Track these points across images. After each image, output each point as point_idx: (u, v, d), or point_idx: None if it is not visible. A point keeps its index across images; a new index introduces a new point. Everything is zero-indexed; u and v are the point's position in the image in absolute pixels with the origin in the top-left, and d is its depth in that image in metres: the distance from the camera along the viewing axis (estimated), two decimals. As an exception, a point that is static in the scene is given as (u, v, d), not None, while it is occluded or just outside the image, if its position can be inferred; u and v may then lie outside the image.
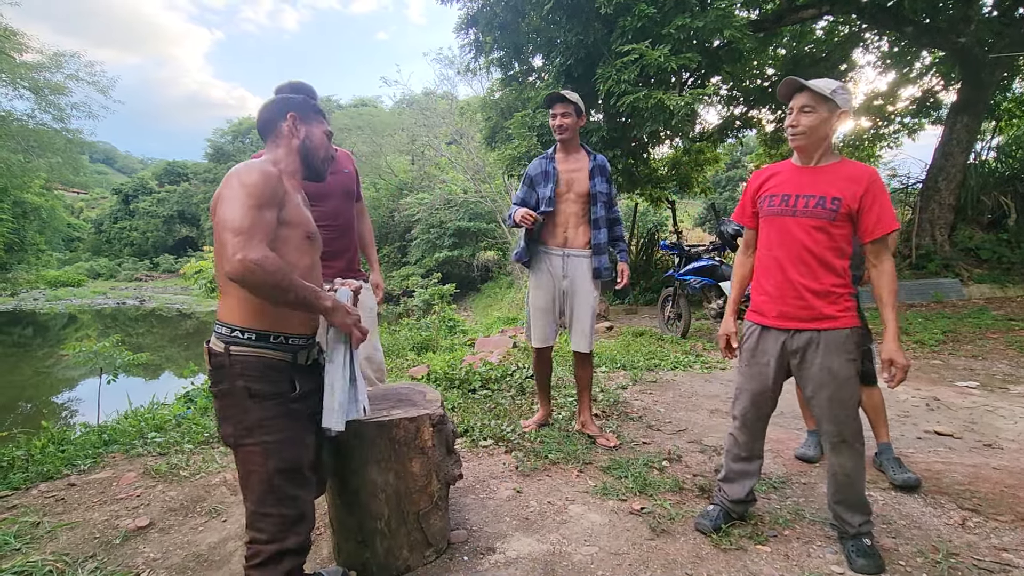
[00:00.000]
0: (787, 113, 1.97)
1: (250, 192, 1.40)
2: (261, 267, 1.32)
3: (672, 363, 5.19)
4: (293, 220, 1.52)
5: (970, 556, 1.97)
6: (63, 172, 22.35)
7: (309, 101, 1.69)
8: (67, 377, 9.47)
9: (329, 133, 1.73)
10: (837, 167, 1.92)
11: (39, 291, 25.36)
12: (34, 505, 2.49)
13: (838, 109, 1.87)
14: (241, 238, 1.33)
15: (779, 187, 2.00)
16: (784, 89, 1.96)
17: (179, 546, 2.15)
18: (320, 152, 1.68)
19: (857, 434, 1.93)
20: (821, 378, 1.90)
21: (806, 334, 1.93)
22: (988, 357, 5.05)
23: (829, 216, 1.87)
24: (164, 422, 3.65)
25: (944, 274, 8.02)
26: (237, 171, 1.45)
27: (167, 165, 44.19)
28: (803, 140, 1.92)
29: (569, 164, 3.04)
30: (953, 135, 8.51)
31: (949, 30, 8.08)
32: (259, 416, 1.45)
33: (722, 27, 7.00)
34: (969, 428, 3.33)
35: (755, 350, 2.06)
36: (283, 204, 1.49)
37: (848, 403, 1.91)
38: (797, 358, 1.96)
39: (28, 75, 19.00)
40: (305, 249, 1.57)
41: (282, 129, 1.62)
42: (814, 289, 1.91)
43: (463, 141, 20.22)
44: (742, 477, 2.15)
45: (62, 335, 15.47)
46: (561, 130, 2.99)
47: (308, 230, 1.58)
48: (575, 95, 2.97)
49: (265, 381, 1.47)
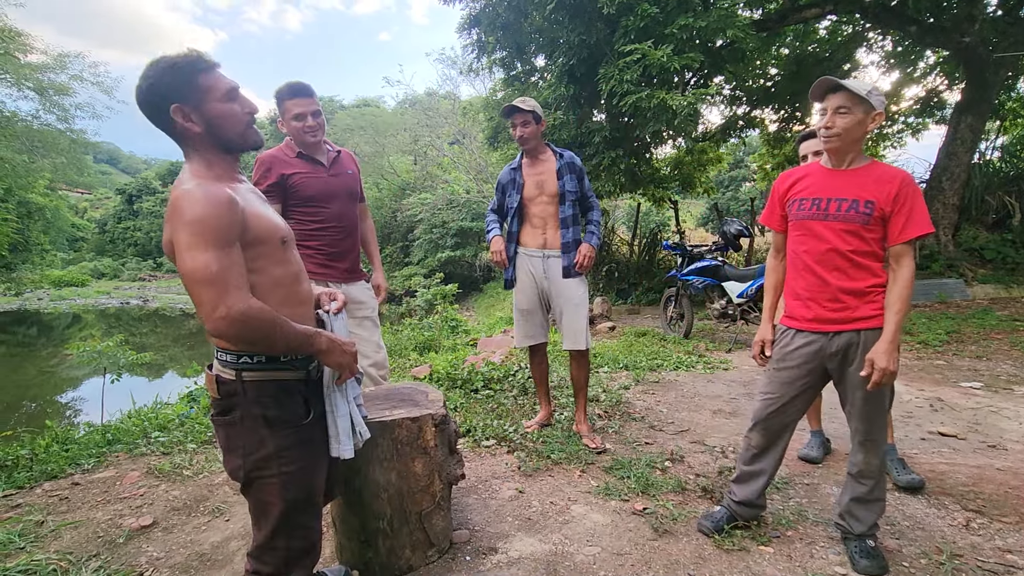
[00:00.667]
0: (820, 114, 1.92)
1: (203, 232, 1.19)
2: (246, 321, 1.20)
3: (675, 363, 5.18)
4: (262, 235, 1.33)
5: (974, 558, 1.97)
6: (67, 172, 22.39)
7: (180, 72, 1.28)
8: (71, 376, 9.51)
9: (232, 88, 1.36)
10: (868, 169, 1.88)
11: (43, 291, 25.49)
12: (38, 504, 2.50)
13: (873, 110, 1.82)
14: (216, 290, 1.17)
15: (809, 191, 1.96)
16: (817, 89, 1.90)
17: (182, 545, 2.15)
18: (229, 127, 1.34)
19: (884, 434, 1.92)
20: (858, 379, 1.85)
21: (845, 336, 1.88)
22: (992, 358, 5.02)
23: (863, 220, 1.83)
24: (167, 421, 3.67)
25: (948, 274, 7.99)
26: (178, 208, 1.21)
27: (171, 165, 44.26)
28: (838, 142, 1.87)
29: (536, 168, 3.06)
30: (957, 135, 8.48)
31: (953, 29, 8.05)
32: (276, 446, 1.34)
33: (725, 27, 6.99)
34: (973, 429, 3.32)
35: (787, 354, 2.01)
36: (244, 225, 1.28)
37: (883, 403, 1.89)
38: (836, 361, 1.91)
39: (33, 76, 19.05)
40: (282, 258, 1.40)
41: (172, 125, 1.32)
42: (851, 289, 1.86)
43: (465, 141, 20.24)
44: (753, 477, 2.11)
45: (66, 335, 15.54)
46: (523, 140, 3.00)
47: (280, 235, 1.40)
48: (531, 102, 2.94)
49: (280, 407, 1.36)
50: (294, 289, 1.44)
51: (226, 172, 1.36)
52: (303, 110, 2.44)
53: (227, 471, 1.40)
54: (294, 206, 2.48)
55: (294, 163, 2.47)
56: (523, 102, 2.93)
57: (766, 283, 2.21)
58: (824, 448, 2.92)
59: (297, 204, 2.48)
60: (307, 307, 1.51)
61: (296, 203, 2.48)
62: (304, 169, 2.48)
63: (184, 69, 1.29)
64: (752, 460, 2.12)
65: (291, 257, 1.45)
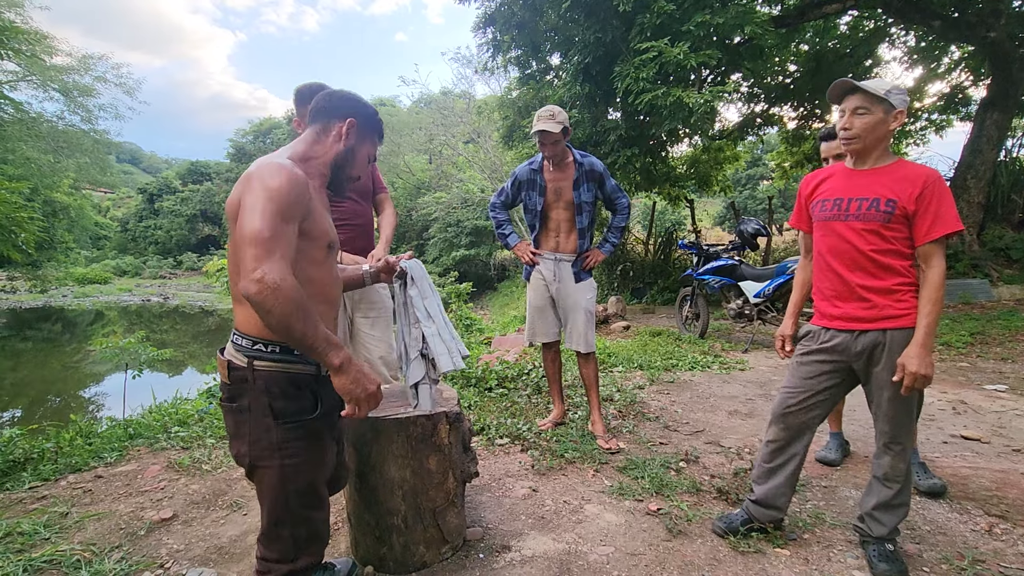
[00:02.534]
0: (840, 115, 1.89)
1: (274, 198, 1.26)
2: (277, 291, 1.19)
3: (690, 363, 5.14)
4: (315, 231, 1.39)
5: (996, 564, 1.92)
6: (91, 172, 22.89)
7: (376, 118, 1.59)
8: (94, 372, 9.71)
9: (372, 156, 1.62)
10: (893, 168, 1.85)
11: (68, 288, 26.06)
12: (63, 496, 2.56)
13: (894, 109, 1.80)
14: (262, 252, 1.20)
15: (831, 191, 1.95)
16: (834, 92, 1.88)
17: (201, 538, 2.19)
18: (352, 170, 1.56)
19: (911, 437, 1.89)
20: (884, 379, 1.83)
21: (871, 335, 1.85)
22: (1018, 360, 4.90)
23: (883, 218, 1.80)
24: (187, 417, 3.73)
25: (972, 274, 7.82)
26: (260, 172, 1.31)
27: (190, 165, 45.01)
28: (858, 144, 1.85)
29: (556, 174, 3.07)
30: (983, 132, 8.28)
31: (979, 24, 7.86)
32: (279, 437, 1.36)
33: (743, 23, 6.91)
34: (997, 433, 3.25)
35: (811, 349, 1.99)
36: (308, 213, 1.35)
37: (910, 406, 1.86)
38: (862, 361, 1.88)
39: (58, 77, 19.51)
40: (323, 260, 1.45)
41: (332, 127, 1.50)
42: (877, 288, 1.84)
43: (480, 140, 20.24)
44: (771, 475, 2.06)
45: (89, 331, 15.87)
46: (552, 160, 3.02)
47: (329, 239, 1.46)
48: (561, 115, 2.87)
49: (288, 399, 1.37)
50: (325, 291, 1.47)
51: (312, 172, 1.48)
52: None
53: (233, 455, 1.43)
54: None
55: None
56: (552, 119, 2.85)
57: (796, 280, 2.24)
58: (843, 450, 2.88)
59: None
60: (332, 310, 1.53)
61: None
62: None
63: (375, 120, 1.59)
64: (771, 457, 2.07)
65: (330, 263, 1.51)
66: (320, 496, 1.49)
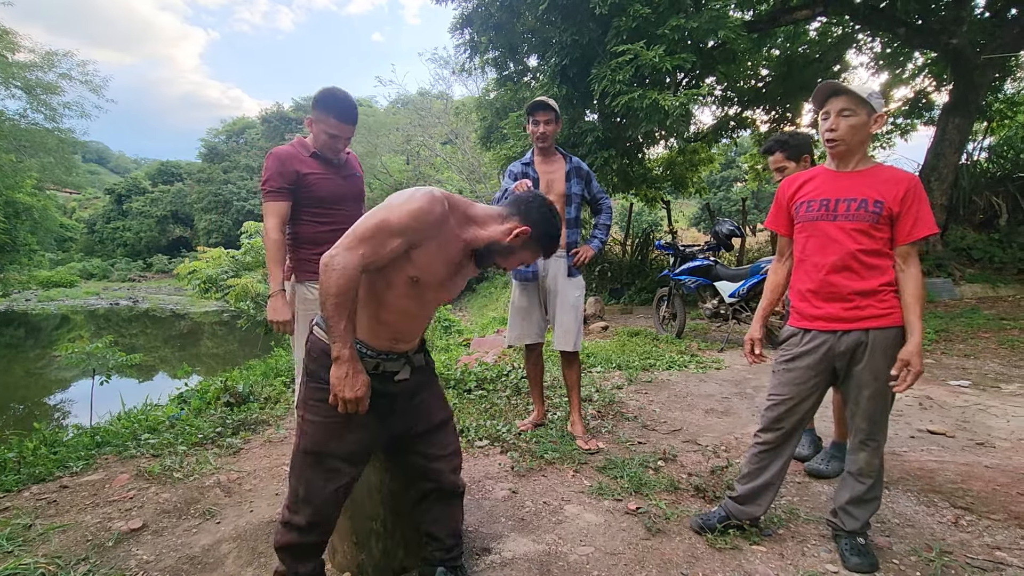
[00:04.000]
0: (822, 119, 1.92)
1: (403, 212, 1.41)
2: (328, 266, 1.37)
3: (667, 363, 5.20)
4: (419, 262, 1.48)
5: (963, 554, 1.99)
6: (55, 172, 22.16)
7: (552, 241, 1.68)
8: (59, 378, 9.40)
9: (527, 263, 1.73)
10: (876, 171, 1.91)
11: (31, 292, 25.17)
12: (26, 507, 2.46)
13: (875, 112, 1.85)
14: (351, 240, 1.40)
15: (816, 192, 1.97)
16: (820, 93, 1.91)
17: (172, 548, 2.13)
18: (500, 261, 1.66)
19: (885, 433, 1.92)
20: (865, 378, 1.87)
21: (854, 335, 1.88)
22: (980, 356, 5.08)
23: (872, 219, 1.85)
24: (157, 423, 3.63)
25: (937, 274, 8.07)
26: (417, 188, 1.47)
27: (160, 165, 43.89)
28: (843, 146, 1.89)
29: (547, 167, 3.12)
30: (945, 136, 8.56)
31: (941, 31, 8.13)
32: (305, 394, 1.57)
33: (716, 27, 7.02)
34: (962, 427, 3.35)
35: (796, 354, 2.00)
36: (421, 244, 1.45)
37: (887, 403, 1.91)
38: (845, 360, 1.92)
39: (20, 74, 18.83)
40: (404, 291, 1.51)
41: (511, 220, 1.60)
42: (861, 290, 1.87)
43: (458, 141, 20.19)
44: (757, 475, 2.07)
45: (54, 336, 15.37)
46: (543, 138, 3.05)
47: (422, 278, 1.50)
48: (553, 102, 3.04)
49: (319, 364, 1.52)
50: (389, 316, 1.54)
51: (467, 235, 1.59)
52: (341, 134, 2.41)
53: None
54: (306, 207, 2.42)
55: (309, 162, 2.41)
56: (549, 100, 3.03)
57: (767, 283, 2.22)
58: (815, 446, 2.93)
59: (309, 205, 2.42)
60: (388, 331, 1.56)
61: (308, 204, 2.41)
62: (319, 169, 2.43)
63: (549, 240, 1.67)
64: (759, 458, 2.07)
65: (410, 296, 1.53)
66: (327, 468, 1.55)
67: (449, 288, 1.63)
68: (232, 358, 10.55)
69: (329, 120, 2.36)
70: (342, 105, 2.37)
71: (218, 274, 8.17)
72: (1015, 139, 9.81)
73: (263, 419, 3.73)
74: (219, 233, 34.60)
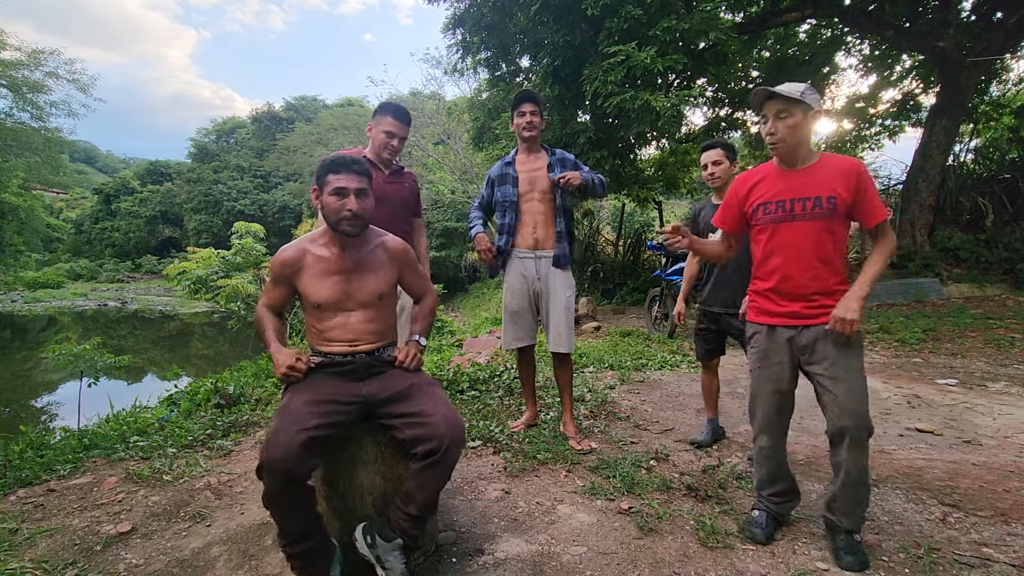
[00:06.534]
0: (762, 123, 1.99)
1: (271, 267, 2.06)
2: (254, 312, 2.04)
3: (659, 363, 5.22)
4: (306, 292, 1.96)
5: (951, 551, 2.01)
6: (42, 172, 21.89)
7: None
8: (47, 380, 9.28)
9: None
10: (822, 164, 1.96)
11: (17, 293, 24.84)
12: (12, 511, 2.43)
13: (810, 109, 1.91)
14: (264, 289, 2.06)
15: (771, 194, 2.01)
16: (756, 100, 1.98)
17: (162, 552, 2.11)
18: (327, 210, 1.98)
19: (869, 428, 1.92)
20: (835, 372, 1.91)
21: (814, 329, 1.95)
22: (967, 355, 5.14)
23: (827, 214, 1.91)
24: (147, 425, 3.59)
25: (924, 274, 8.16)
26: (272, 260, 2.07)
27: (150, 165, 43.42)
28: (784, 147, 1.95)
29: (530, 164, 3.08)
30: (932, 137, 8.67)
31: (929, 34, 8.23)
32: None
33: (707, 29, 7.07)
34: (949, 425, 3.39)
35: (767, 350, 2.07)
36: (291, 282, 1.99)
37: (863, 396, 1.92)
38: (807, 354, 1.97)
39: (6, 73, 18.61)
40: (316, 313, 1.97)
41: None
42: (823, 290, 1.94)
43: (450, 141, 20.13)
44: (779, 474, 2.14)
45: (41, 337, 15.18)
46: (531, 127, 3.01)
47: (313, 301, 1.95)
48: (539, 94, 3.07)
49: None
50: (315, 332, 1.99)
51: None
52: (395, 131, 2.78)
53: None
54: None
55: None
56: (533, 92, 3.06)
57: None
58: (715, 435, 3.14)
59: None
60: (316, 339, 2.00)
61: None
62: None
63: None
64: (768, 459, 2.14)
65: (321, 316, 1.97)
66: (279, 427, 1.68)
67: (348, 291, 1.96)
68: (222, 359, 10.47)
69: (386, 119, 2.76)
70: (397, 108, 2.81)
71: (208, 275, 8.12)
72: (1001, 140, 9.94)
73: (254, 421, 3.70)
74: (209, 233, 34.33)
